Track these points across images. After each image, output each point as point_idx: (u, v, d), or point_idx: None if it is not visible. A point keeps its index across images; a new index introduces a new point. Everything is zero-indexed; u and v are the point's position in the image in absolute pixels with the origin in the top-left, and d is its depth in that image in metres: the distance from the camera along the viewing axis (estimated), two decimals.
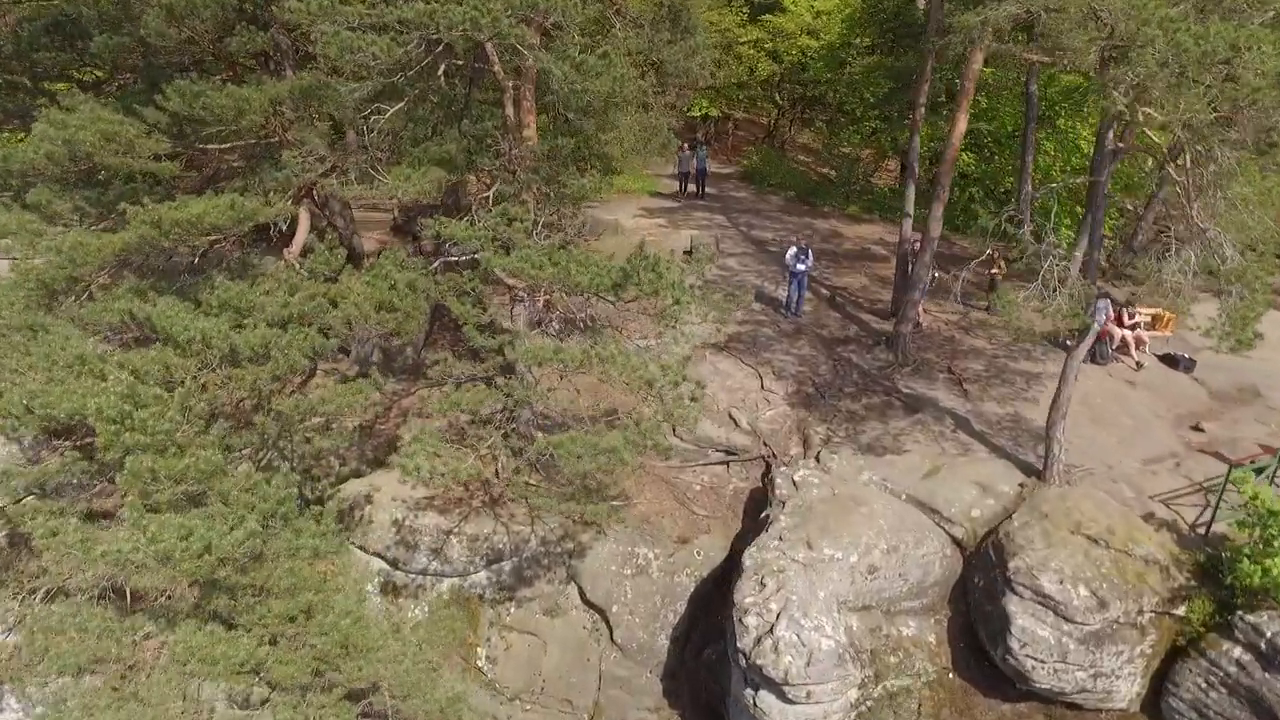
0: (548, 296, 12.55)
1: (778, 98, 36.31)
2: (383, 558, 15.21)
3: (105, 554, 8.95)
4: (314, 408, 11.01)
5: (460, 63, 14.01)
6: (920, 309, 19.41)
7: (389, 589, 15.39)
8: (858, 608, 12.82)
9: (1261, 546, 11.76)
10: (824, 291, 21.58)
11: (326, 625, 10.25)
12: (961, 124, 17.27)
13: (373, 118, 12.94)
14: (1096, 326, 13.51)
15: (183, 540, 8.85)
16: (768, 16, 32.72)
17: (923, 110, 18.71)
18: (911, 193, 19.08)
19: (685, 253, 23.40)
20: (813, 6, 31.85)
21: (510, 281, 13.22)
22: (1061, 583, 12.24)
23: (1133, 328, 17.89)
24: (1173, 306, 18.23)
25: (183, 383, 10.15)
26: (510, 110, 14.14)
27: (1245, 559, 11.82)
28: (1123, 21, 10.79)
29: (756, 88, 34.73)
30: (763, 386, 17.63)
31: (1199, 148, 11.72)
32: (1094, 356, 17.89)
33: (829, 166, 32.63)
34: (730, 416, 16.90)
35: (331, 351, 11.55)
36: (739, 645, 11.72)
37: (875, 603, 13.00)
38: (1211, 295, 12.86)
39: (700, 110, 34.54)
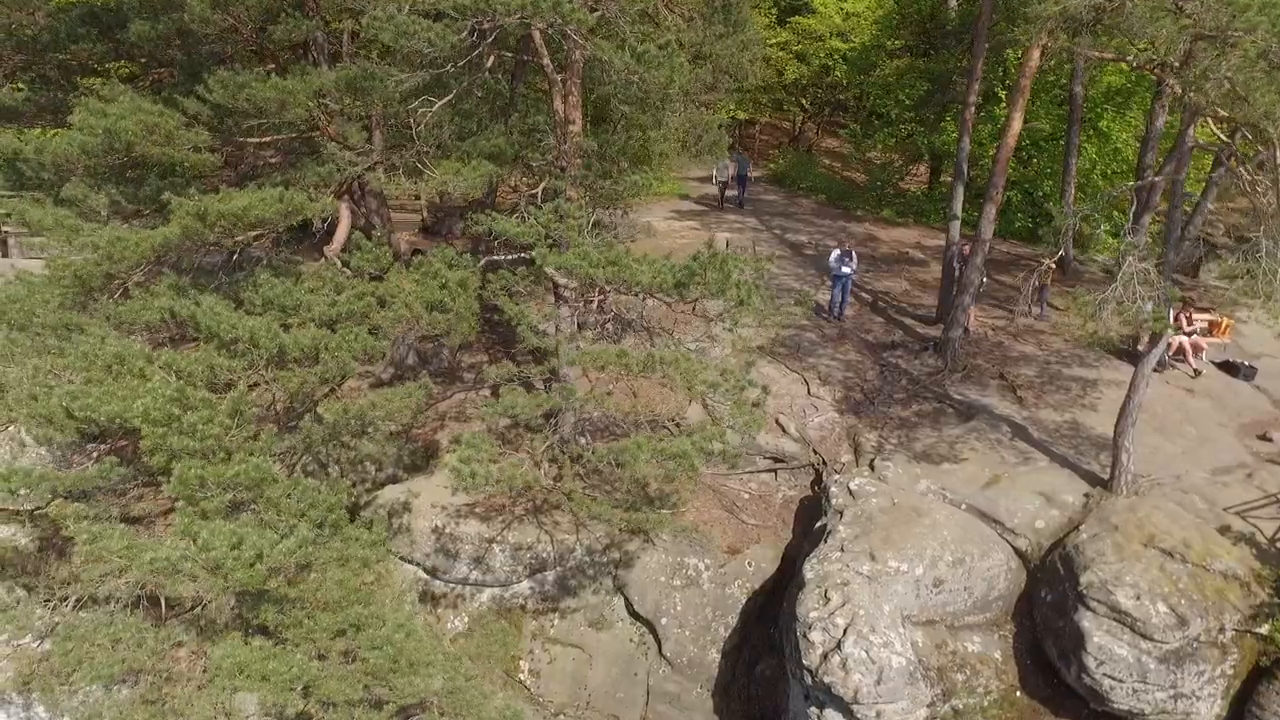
0: (602, 297, 12.05)
1: (804, 101, 35.88)
2: (421, 566, 14.73)
3: (153, 561, 8.49)
4: (364, 412, 10.54)
5: (510, 54, 13.58)
6: (973, 313, 18.90)
7: (428, 599, 14.89)
8: (922, 622, 12.27)
9: None
10: (865, 296, 21.06)
11: (378, 639, 9.75)
12: (1017, 123, 16.78)
13: (419, 111, 12.51)
14: (1171, 331, 12.95)
15: (234, 549, 8.38)
16: (797, 18, 32.33)
17: (973, 110, 18.19)
18: (960, 194, 18.57)
19: None
20: (843, 8, 31.44)
21: (561, 281, 12.77)
22: (1139, 598, 11.67)
23: (1190, 333, 17.30)
24: (1229, 312, 17.79)
25: (230, 385, 9.68)
26: (559, 104, 13.70)
27: None
28: (1213, 10, 10.29)
29: (781, 91, 34.30)
30: (809, 392, 17.10)
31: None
32: None
33: (859, 170, 32.16)
34: (777, 423, 16.37)
35: (384, 353, 11.08)
36: (804, 662, 11.18)
37: (940, 617, 12.46)
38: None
39: (728, 113, 34.11)
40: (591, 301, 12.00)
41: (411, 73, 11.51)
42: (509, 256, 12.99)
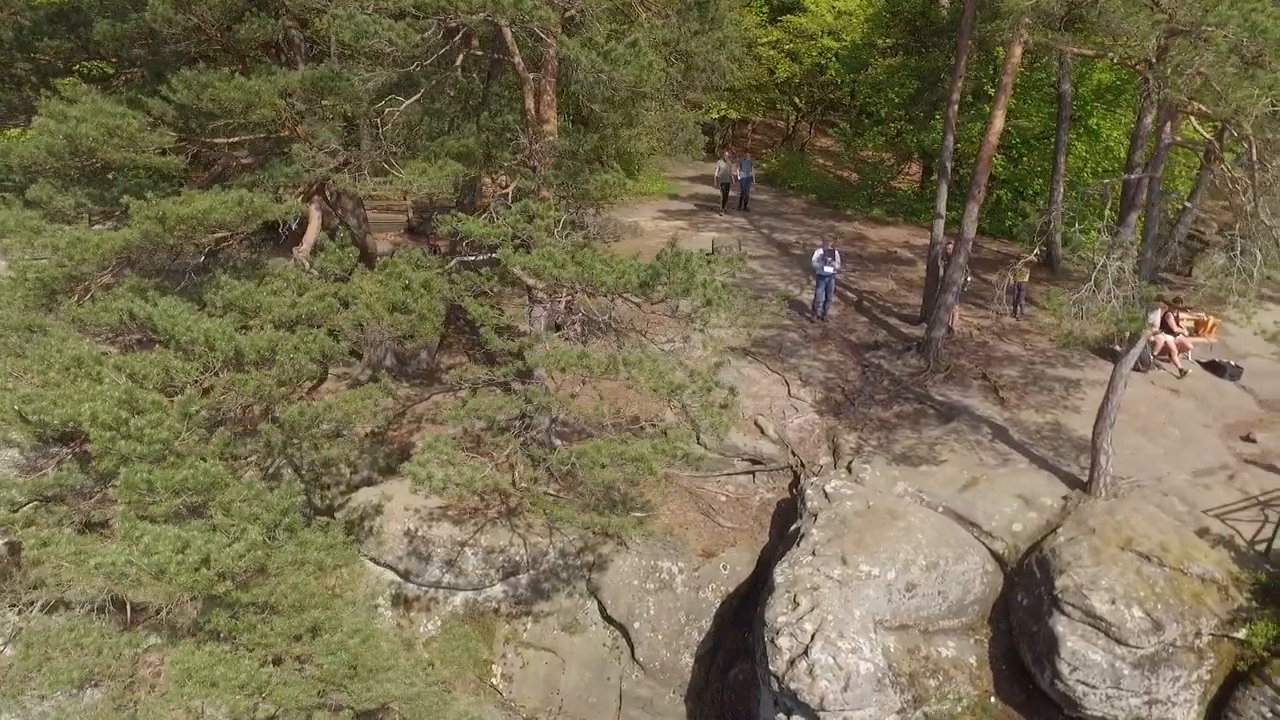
0: (569, 298, 11.91)
1: (797, 100, 35.69)
2: (394, 569, 14.62)
3: (99, 566, 8.38)
4: (320, 415, 10.41)
5: (480, 53, 13.45)
6: (956, 313, 18.72)
7: (400, 602, 14.78)
8: (895, 627, 12.10)
9: None
10: (850, 295, 20.90)
11: (333, 644, 9.63)
12: (999, 121, 16.58)
13: (386, 111, 12.39)
14: (1149, 332, 12.75)
15: (178, 553, 8.26)
16: (788, 17, 32.14)
17: (956, 107, 18.01)
18: (944, 193, 18.38)
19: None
20: (834, 7, 31.24)
21: (530, 281, 12.62)
22: (1114, 603, 11.49)
23: (1176, 333, 17.09)
24: (1216, 311, 17.56)
25: (184, 388, 9.57)
26: (531, 103, 13.57)
27: None
28: (1187, 4, 10.10)
29: (775, 90, 34.12)
30: (789, 393, 16.95)
31: (1269, 139, 11.04)
32: (1135, 363, 17.12)
33: (851, 169, 31.95)
34: (756, 424, 16.23)
35: (343, 355, 10.95)
36: (771, 668, 11.03)
37: (913, 622, 12.28)
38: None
39: (718, 112, 33.97)
40: (560, 302, 11.84)
41: (374, 72, 11.33)
42: (480, 257, 12.86)
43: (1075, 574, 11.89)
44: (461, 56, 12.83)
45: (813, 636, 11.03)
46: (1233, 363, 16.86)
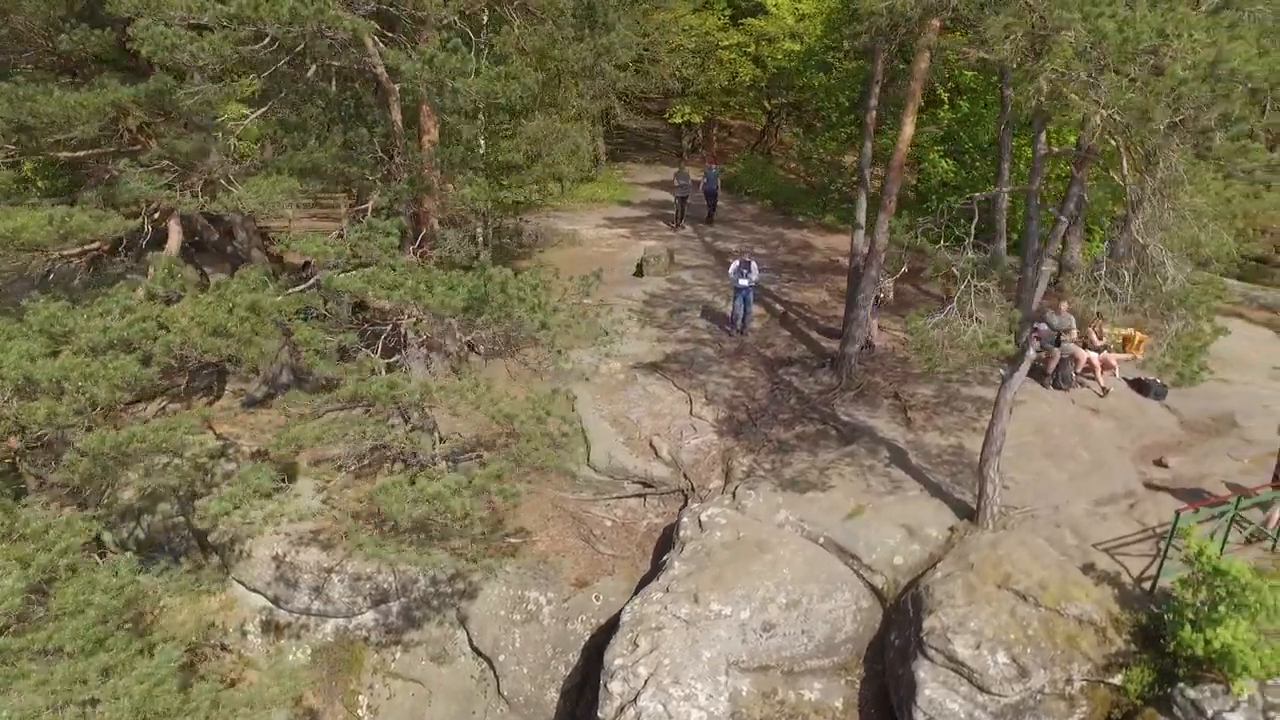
0: (412, 318, 11.38)
1: (766, 104, 34.95)
2: (264, 595, 14.16)
3: None
4: (123, 443, 9.90)
5: (338, 63, 12.93)
6: (874, 327, 18.00)
7: (271, 628, 14.32)
8: (753, 668, 11.44)
9: (1206, 611, 10.19)
10: (778, 307, 20.20)
11: (120, 689, 9.13)
12: (909, 128, 15.91)
13: (230, 124, 11.90)
14: (1031, 354, 12.00)
15: None
16: (749, 20, 31.43)
17: (874, 114, 17.27)
18: (864, 202, 17.63)
19: (638, 266, 22.24)
20: (797, 9, 30.47)
21: (376, 304, 12.11)
22: (978, 646, 10.77)
23: (1100, 349, 16.28)
24: (1142, 326, 16.70)
25: None
26: (396, 114, 13.05)
27: (1188, 624, 10.26)
28: (1043, 4, 9.39)
29: (745, 93, 33.41)
30: (691, 412, 16.30)
31: (1137, 151, 10.32)
32: (1057, 381, 16.35)
33: (806, 174, 31.23)
34: (651, 445, 15.60)
35: (153, 380, 10.46)
36: (600, 715, 10.40)
37: (775, 662, 11.61)
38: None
39: (682, 117, 33.33)
40: (401, 324, 11.30)
41: (204, 85, 10.83)
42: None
43: (944, 614, 11.18)
44: (315, 67, 12.34)
45: (645, 682, 10.40)
46: (1158, 380, 15.99)
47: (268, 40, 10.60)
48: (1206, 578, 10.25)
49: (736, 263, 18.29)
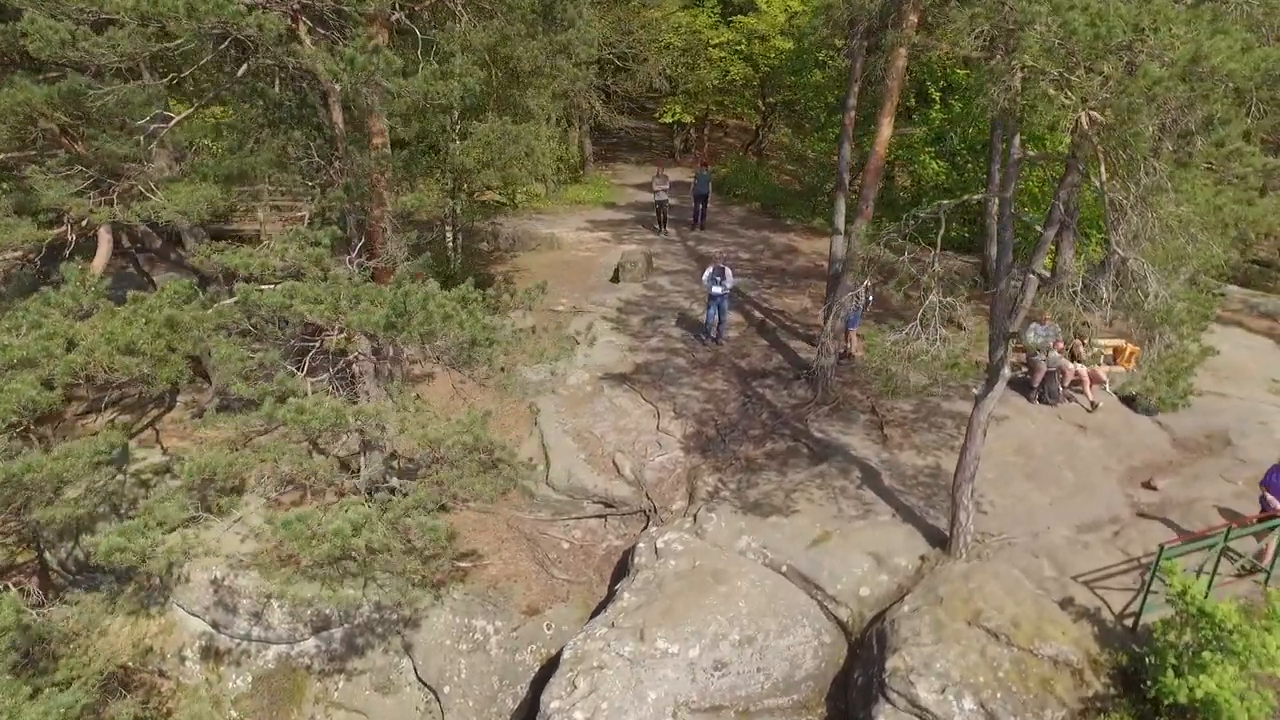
0: (341, 334, 10.66)
1: (760, 103, 34.12)
2: (204, 620, 13.50)
3: None
4: (16, 475, 9.22)
5: (269, 61, 12.22)
6: (854, 337, 17.22)
7: (211, 654, 13.64)
8: (704, 709, 10.68)
9: (1190, 655, 9.38)
10: (757, 315, 19.42)
11: None
12: (885, 130, 15.12)
13: (153, 128, 11.20)
14: (1006, 373, 11.20)
15: None
16: (739, 18, 30.62)
17: (852, 114, 16.47)
18: (842, 207, 16.84)
19: (615, 271, 21.51)
20: (788, 7, 29.64)
21: (309, 319, 11.39)
22: (944, 690, 9.99)
23: (1089, 361, 15.44)
24: (1131, 336, 15.84)
25: None
26: (337, 116, 12.34)
27: (1170, 669, 9.45)
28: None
29: (739, 92, 32.59)
30: (659, 427, 15.55)
31: (1117, 156, 9.52)
32: (1043, 395, 15.54)
33: (796, 176, 30.43)
34: (614, 462, 14.86)
35: (56, 404, 9.78)
36: None
37: (729, 702, 10.84)
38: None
39: (672, 116, 32.54)
40: (318, 342, 10.60)
41: (113, 86, 10.14)
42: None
43: (909, 654, 10.40)
44: (246, 66, 11.64)
45: None
46: (1148, 396, 15.14)
47: (185, 38, 9.92)
48: (1191, 619, 9.45)
49: (710, 269, 17.52)
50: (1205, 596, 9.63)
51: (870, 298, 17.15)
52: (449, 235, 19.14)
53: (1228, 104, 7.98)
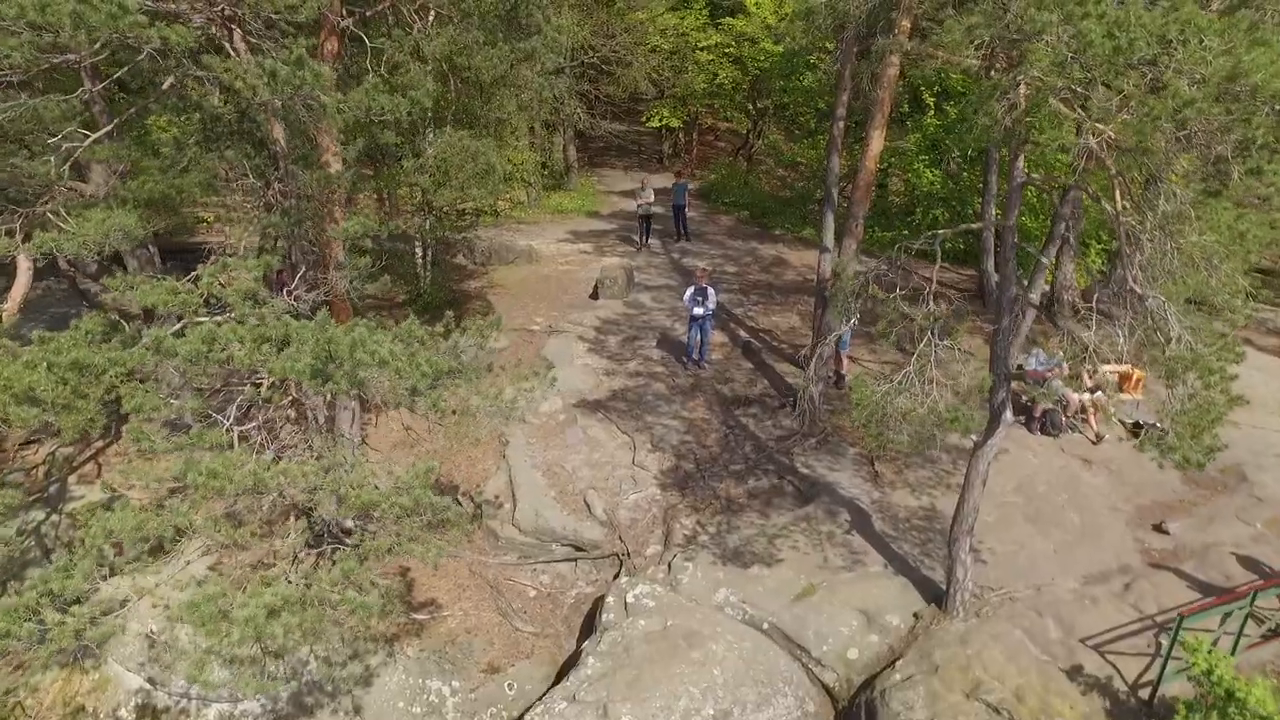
0: (266, 382, 9.62)
1: (750, 107, 33.09)
2: (139, 675, 12.45)
3: None
4: None
5: (203, 73, 11.14)
6: (845, 360, 16.22)
7: (148, 713, 12.58)
8: None
9: None
10: (742, 335, 18.38)
11: None
12: (876, 143, 14.09)
13: (66, 146, 10.12)
14: (1009, 418, 10.19)
15: None
16: (728, 20, 29.59)
17: (842, 124, 15.43)
18: (830, 222, 15.79)
19: (594, 287, 20.46)
20: (778, 10, 28.59)
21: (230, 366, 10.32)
22: None
23: (1093, 390, 14.43)
24: (1140, 363, 14.85)
25: None
26: (278, 132, 11.26)
27: None
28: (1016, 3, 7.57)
29: (728, 95, 31.54)
30: (634, 460, 14.51)
31: (1133, 179, 8.54)
32: (1045, 426, 14.55)
33: (785, 184, 29.41)
34: (585, 501, 13.81)
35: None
36: None
37: None
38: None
39: (660, 120, 31.47)
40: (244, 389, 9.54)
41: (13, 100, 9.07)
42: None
43: None
44: (171, 80, 10.56)
45: None
46: (1156, 424, 14.12)
47: (85, 50, 8.85)
48: (1217, 702, 8.43)
49: (692, 288, 16.48)
50: (1232, 674, 8.61)
51: (856, 321, 16.15)
52: (419, 251, 18.07)
53: (1271, 124, 6.92)
